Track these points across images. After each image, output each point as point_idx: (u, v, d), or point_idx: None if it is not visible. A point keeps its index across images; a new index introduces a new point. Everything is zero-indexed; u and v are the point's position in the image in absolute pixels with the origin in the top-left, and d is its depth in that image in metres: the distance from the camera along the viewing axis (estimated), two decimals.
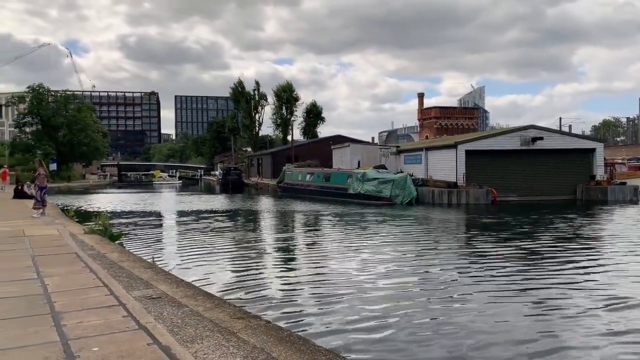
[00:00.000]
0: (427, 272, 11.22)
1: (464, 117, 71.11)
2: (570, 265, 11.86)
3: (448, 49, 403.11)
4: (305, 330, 7.03)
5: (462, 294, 9.17)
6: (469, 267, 11.79)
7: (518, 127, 36.09)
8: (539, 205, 28.15)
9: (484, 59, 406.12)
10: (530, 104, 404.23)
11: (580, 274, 10.95)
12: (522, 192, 32.59)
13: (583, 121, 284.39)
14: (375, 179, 31.91)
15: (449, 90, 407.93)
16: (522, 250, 14.04)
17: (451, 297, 9.02)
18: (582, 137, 40.86)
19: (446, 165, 33.82)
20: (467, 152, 32.67)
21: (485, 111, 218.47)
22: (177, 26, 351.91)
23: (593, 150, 34.54)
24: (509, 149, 33.12)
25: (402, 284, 9.99)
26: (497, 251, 13.94)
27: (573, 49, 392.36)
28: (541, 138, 33.02)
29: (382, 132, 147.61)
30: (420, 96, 75.12)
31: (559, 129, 56.43)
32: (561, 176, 33.61)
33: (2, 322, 4.96)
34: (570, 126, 65.15)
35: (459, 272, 11.15)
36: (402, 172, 36.10)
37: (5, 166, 38.49)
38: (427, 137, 66.48)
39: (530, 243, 15.23)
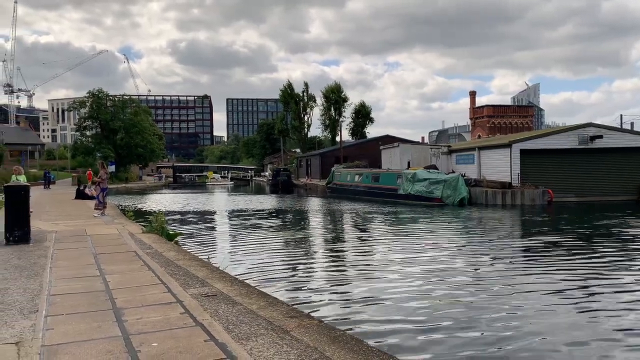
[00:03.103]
0: (477, 273, 10.98)
1: (518, 115, 69.04)
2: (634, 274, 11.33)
3: (498, 47, 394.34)
4: (356, 330, 7.01)
5: (516, 299, 8.93)
6: (522, 271, 11.46)
7: (575, 125, 34.69)
8: (600, 207, 26.99)
9: (536, 56, 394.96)
10: (586, 101, 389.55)
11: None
12: (581, 192, 31.27)
13: None
14: (426, 179, 31.44)
15: (499, 88, 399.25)
16: (584, 255, 13.51)
17: (504, 300, 8.78)
18: None
19: (500, 165, 32.93)
20: (522, 152, 31.70)
21: (540, 109, 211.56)
22: (225, 30, 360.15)
23: None
24: (566, 148, 31.89)
25: (452, 284, 9.80)
26: (555, 255, 13.48)
27: (631, 43, 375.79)
28: (601, 136, 31.62)
29: (432, 131, 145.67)
30: (472, 94, 73.49)
31: (619, 126, 53.86)
32: (623, 176, 32.03)
33: (68, 317, 5.20)
34: (632, 123, 61.86)
35: (512, 277, 10.85)
36: (453, 172, 35.44)
37: (90, 169, 40.65)
38: (479, 137, 64.94)
39: (595, 247, 14.64)
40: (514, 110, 72.06)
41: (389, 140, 55.88)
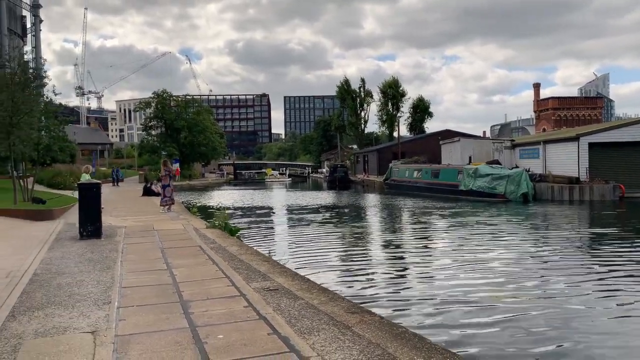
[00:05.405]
0: (541, 272, 10.59)
1: (586, 107, 65.79)
2: None
3: (562, 36, 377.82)
4: (417, 326, 6.92)
5: (577, 299, 8.55)
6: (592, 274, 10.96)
7: None
8: None
9: (604, 45, 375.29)
10: None
11: None
12: None
13: None
14: (488, 174, 30.60)
15: (564, 79, 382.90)
16: None
17: (567, 300, 8.43)
18: None
19: (567, 160, 31.57)
20: (591, 145, 30.27)
21: (610, 100, 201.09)
22: (281, 29, 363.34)
23: None
24: (639, 141, 30.18)
25: (511, 280, 9.50)
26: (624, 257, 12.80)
27: None
28: None
29: (494, 125, 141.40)
30: (536, 87, 70.66)
31: None
32: None
33: (139, 308, 5.44)
34: None
35: (582, 278, 10.39)
36: (517, 167, 34.30)
37: (177, 167, 42.24)
38: (544, 130, 62.51)
39: None
40: (581, 101, 68.77)
41: (448, 135, 54.69)
